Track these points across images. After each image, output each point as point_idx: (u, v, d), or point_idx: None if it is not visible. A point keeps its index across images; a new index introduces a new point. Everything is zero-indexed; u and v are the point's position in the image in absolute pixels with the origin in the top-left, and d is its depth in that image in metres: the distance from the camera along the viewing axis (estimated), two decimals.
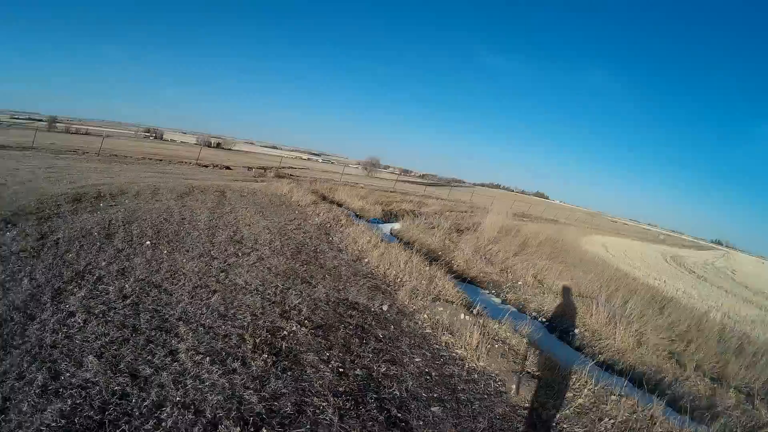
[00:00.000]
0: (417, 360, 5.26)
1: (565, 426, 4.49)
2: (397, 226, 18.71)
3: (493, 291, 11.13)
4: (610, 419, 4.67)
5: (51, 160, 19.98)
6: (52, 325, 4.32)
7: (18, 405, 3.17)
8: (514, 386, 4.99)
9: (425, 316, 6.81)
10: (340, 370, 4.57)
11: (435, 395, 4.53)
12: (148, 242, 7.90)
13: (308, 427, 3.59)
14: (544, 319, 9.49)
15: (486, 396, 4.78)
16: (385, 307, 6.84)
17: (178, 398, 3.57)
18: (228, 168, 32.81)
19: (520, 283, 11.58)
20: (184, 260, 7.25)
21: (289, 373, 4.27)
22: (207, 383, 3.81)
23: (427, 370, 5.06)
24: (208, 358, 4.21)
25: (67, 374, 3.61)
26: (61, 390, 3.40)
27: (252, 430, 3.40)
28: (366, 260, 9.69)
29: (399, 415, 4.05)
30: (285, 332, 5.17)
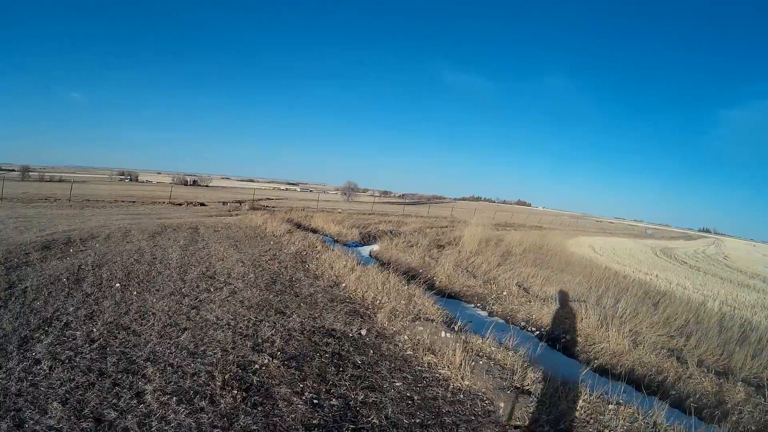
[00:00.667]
0: (398, 384, 5.25)
1: None
2: (375, 247, 18.86)
3: (478, 304, 11.11)
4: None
5: (21, 210, 19.85)
6: (17, 374, 4.34)
7: None
8: (502, 404, 4.88)
9: (405, 336, 6.79)
10: (315, 401, 4.58)
11: (417, 420, 4.49)
12: (117, 284, 7.90)
13: None
14: (533, 328, 9.45)
15: (473, 417, 4.71)
16: (363, 332, 6.86)
17: None
18: (202, 204, 32.77)
19: (505, 293, 11.54)
20: (154, 300, 7.27)
21: (259, 408, 4.29)
22: (173, 424, 3.84)
23: (408, 394, 5.04)
24: (175, 398, 4.24)
25: (31, 422, 3.63)
26: None
27: None
28: (343, 285, 9.72)
29: None
30: (257, 366, 5.20)
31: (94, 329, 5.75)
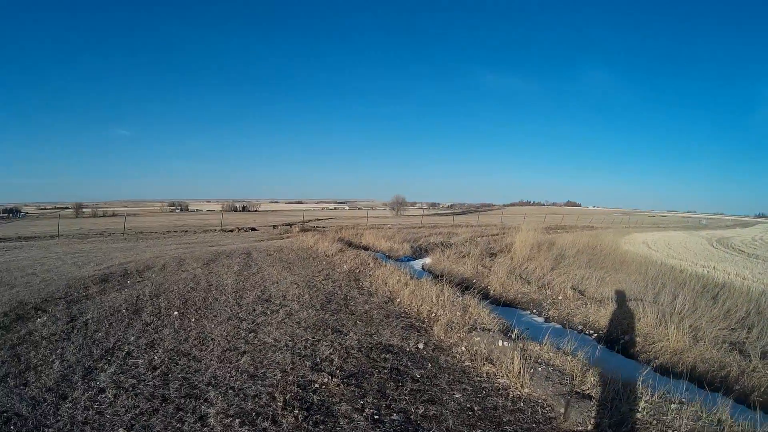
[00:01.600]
0: (457, 396, 5.18)
1: None
2: (427, 260, 18.78)
3: (534, 310, 10.94)
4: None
5: (78, 245, 20.67)
6: (83, 403, 4.48)
7: None
8: (563, 410, 4.79)
9: (463, 348, 6.70)
10: (375, 417, 4.54)
11: (479, 431, 4.43)
12: (175, 312, 8.10)
13: None
14: (590, 331, 9.23)
15: (534, 425, 4.62)
16: (420, 345, 6.80)
17: None
18: (253, 229, 33.36)
19: (560, 297, 11.30)
20: (213, 326, 7.39)
21: (321, 427, 4.27)
22: None
23: (468, 405, 4.97)
24: (237, 420, 4.27)
25: None
26: None
27: None
28: (398, 300, 9.68)
29: None
30: (316, 385, 5.20)
31: (156, 357, 5.89)
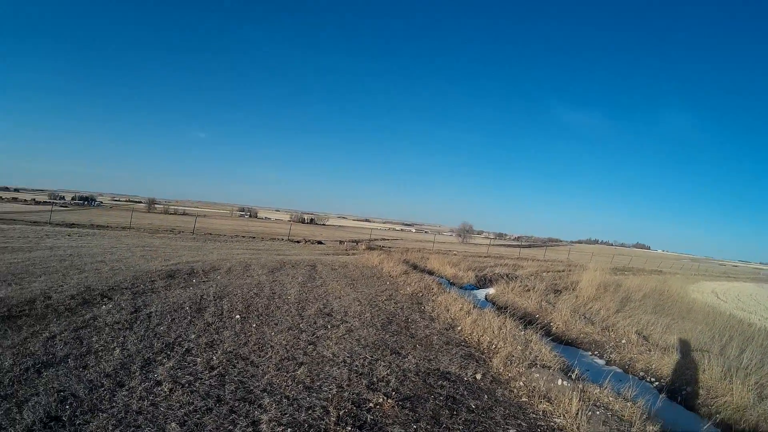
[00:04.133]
0: (511, 431, 5.06)
1: None
2: (491, 291, 18.65)
3: (595, 352, 10.70)
4: None
5: (147, 239, 21.50)
6: (139, 393, 4.59)
7: None
8: None
9: (521, 383, 6.56)
10: None
11: None
12: (237, 316, 8.25)
13: None
14: (652, 379, 8.94)
15: None
16: (478, 376, 6.66)
17: None
18: (320, 242, 33.81)
19: (623, 341, 10.95)
20: (273, 333, 7.47)
21: None
22: None
23: None
24: (290, 429, 4.26)
25: None
26: None
27: None
28: (459, 328, 9.55)
29: None
30: (371, 404, 5.15)
31: (214, 357, 5.99)
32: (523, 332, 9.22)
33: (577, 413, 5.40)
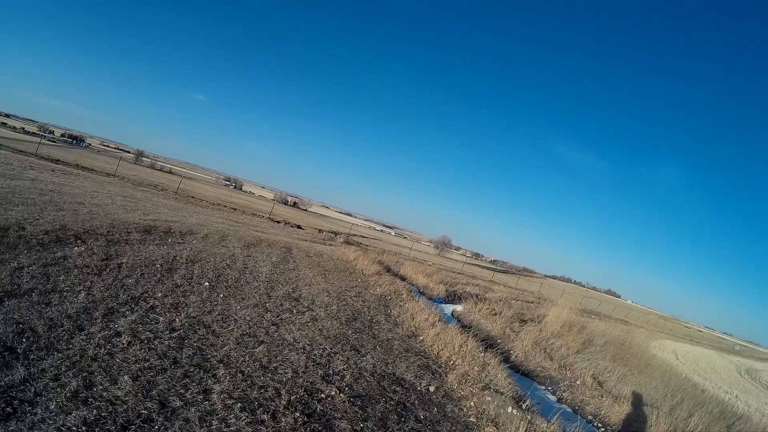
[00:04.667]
0: None
1: None
2: (459, 307, 18.76)
3: (549, 387, 10.80)
4: None
5: (130, 190, 21.36)
6: (97, 340, 4.59)
7: (47, 403, 3.38)
8: None
9: (472, 403, 6.67)
10: None
11: None
12: (206, 283, 8.23)
13: None
14: (599, 425, 9.05)
15: None
16: (431, 388, 6.75)
17: None
18: (299, 227, 33.76)
19: (578, 382, 11.17)
20: (239, 307, 7.48)
21: None
22: (232, 428, 3.87)
23: None
24: (239, 404, 4.28)
25: (100, 387, 3.79)
26: (90, 400, 3.58)
27: None
28: (421, 338, 9.66)
29: None
30: (323, 395, 5.19)
31: (177, 319, 5.99)
32: (482, 354, 9.35)
33: None
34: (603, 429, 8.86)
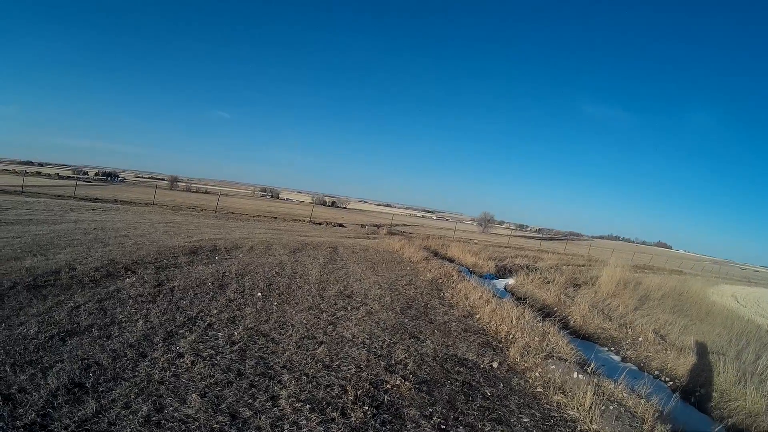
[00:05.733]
0: (525, 420, 5.05)
1: None
2: (510, 281, 18.64)
3: (611, 348, 10.67)
4: None
5: (170, 216, 21.77)
6: (161, 364, 4.68)
7: (121, 430, 3.46)
8: None
9: (537, 374, 6.58)
10: (442, 426, 4.48)
11: None
12: (259, 294, 8.33)
13: None
14: (667, 378, 8.91)
15: None
16: (495, 364, 6.68)
17: None
18: (341, 225, 33.97)
19: (640, 339, 10.91)
20: (294, 312, 7.55)
21: (388, 427, 4.26)
22: (303, 430, 3.90)
23: (534, 431, 4.86)
24: (308, 405, 4.31)
25: (171, 408, 3.87)
26: (162, 422, 3.65)
27: None
28: (477, 316, 9.58)
29: None
30: (388, 385, 5.19)
31: (236, 332, 6.07)
32: (541, 324, 9.21)
33: (591, 407, 5.41)
34: (670, 382, 8.69)
